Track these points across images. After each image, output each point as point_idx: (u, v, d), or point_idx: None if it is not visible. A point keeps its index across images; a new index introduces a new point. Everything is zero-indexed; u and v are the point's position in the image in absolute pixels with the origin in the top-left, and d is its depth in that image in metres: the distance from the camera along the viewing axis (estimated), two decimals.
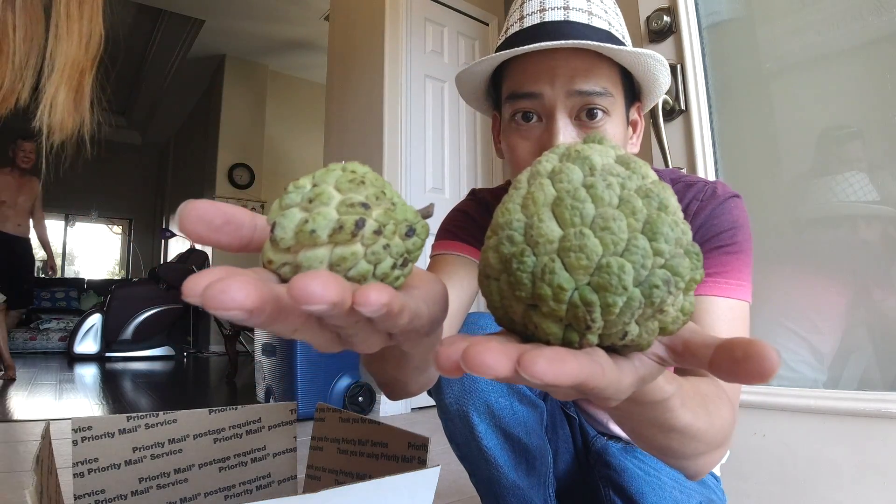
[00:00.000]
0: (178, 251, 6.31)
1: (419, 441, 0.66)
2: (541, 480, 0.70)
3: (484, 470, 0.69)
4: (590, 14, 0.57)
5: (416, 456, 0.66)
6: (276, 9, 4.86)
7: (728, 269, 0.58)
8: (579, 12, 0.57)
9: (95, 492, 0.73)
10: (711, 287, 0.57)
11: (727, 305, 0.57)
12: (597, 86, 0.56)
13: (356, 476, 0.75)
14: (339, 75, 3.10)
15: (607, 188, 0.22)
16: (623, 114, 0.60)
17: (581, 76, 0.56)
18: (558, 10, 0.57)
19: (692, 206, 0.63)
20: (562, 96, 0.57)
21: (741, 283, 0.59)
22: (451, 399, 0.67)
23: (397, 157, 2.65)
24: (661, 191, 0.23)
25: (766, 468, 1.01)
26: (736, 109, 1.16)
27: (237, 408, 0.86)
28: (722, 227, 0.61)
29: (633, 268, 0.21)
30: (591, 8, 0.58)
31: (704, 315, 0.57)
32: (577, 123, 0.58)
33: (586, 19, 0.56)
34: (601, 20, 0.57)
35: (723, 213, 0.61)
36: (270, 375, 2.50)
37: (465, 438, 0.69)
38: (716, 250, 0.59)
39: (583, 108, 0.57)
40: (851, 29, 1.00)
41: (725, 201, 0.62)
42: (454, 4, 3.01)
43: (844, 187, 1.02)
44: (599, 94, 0.56)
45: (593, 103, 0.57)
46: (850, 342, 1.02)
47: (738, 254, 0.59)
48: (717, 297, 0.57)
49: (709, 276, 0.58)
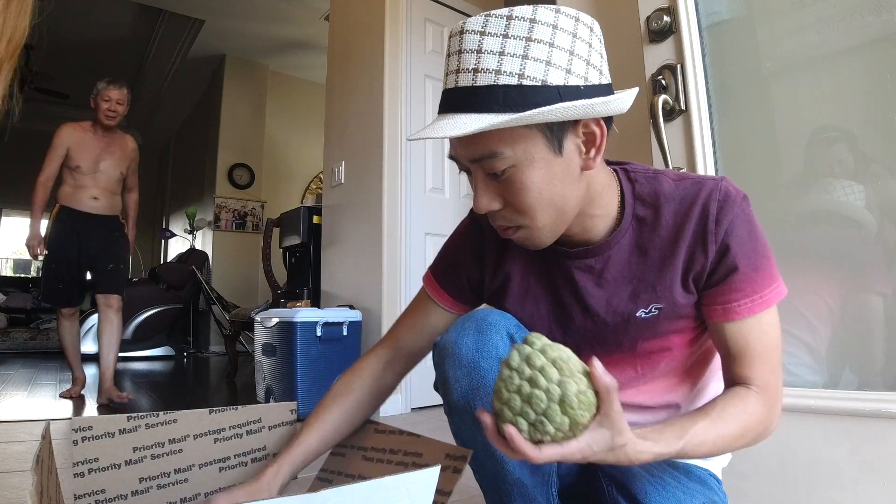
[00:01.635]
0: (178, 251, 6.32)
1: (459, 453, 0.66)
2: (545, 478, 0.71)
3: (489, 467, 0.70)
4: (475, 72, 0.56)
5: (453, 466, 0.64)
6: (276, 9, 4.86)
7: (760, 284, 0.63)
8: (486, 74, 0.56)
9: (95, 492, 0.73)
10: (745, 311, 0.63)
11: (760, 320, 0.64)
12: (484, 151, 0.58)
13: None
14: (339, 75, 3.10)
15: (511, 382, 0.51)
16: (542, 153, 0.59)
17: (469, 147, 0.59)
18: (467, 74, 0.57)
19: (711, 208, 0.63)
20: (468, 164, 0.61)
21: (774, 290, 0.65)
22: (459, 395, 0.68)
23: (397, 157, 2.65)
24: (541, 374, 0.50)
25: (766, 468, 1.01)
26: (736, 109, 1.16)
27: (237, 408, 0.86)
28: (749, 242, 0.64)
29: (525, 420, 0.51)
30: (480, 63, 0.56)
31: (737, 334, 0.64)
32: (493, 179, 0.61)
33: (492, 80, 0.56)
34: (486, 74, 0.56)
35: (743, 223, 0.64)
36: (270, 375, 2.50)
37: (471, 435, 0.69)
38: (750, 270, 0.63)
39: (486, 170, 0.60)
40: (851, 29, 1.00)
41: (740, 205, 0.64)
42: (454, 4, 3.01)
43: (837, 186, 1.02)
44: (490, 158, 0.58)
45: (489, 166, 0.59)
46: (849, 343, 1.02)
47: (766, 261, 0.64)
48: (752, 318, 0.64)
49: (746, 300, 0.63)
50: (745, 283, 0.63)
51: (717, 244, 0.63)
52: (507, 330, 0.68)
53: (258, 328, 2.66)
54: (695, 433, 0.57)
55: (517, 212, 0.61)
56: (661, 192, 0.66)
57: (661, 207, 0.66)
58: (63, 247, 2.67)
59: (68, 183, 2.71)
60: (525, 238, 0.64)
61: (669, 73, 1.17)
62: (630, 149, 1.30)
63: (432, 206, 2.77)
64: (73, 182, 2.70)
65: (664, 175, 0.68)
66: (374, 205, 2.63)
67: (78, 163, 2.67)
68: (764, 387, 0.64)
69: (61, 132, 2.68)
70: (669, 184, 0.67)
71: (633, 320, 0.67)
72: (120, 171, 2.81)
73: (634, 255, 0.67)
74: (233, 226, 5.73)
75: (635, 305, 0.67)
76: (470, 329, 0.68)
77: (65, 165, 2.68)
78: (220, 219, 5.66)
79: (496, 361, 0.66)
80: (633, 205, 0.68)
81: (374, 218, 2.63)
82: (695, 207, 0.64)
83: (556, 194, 0.61)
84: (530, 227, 0.62)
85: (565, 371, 0.50)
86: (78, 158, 2.68)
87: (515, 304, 0.75)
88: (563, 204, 0.62)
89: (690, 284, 0.65)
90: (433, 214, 2.77)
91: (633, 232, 0.68)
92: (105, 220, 2.78)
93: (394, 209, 2.61)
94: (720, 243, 0.63)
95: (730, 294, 0.63)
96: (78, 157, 2.68)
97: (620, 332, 0.69)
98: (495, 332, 0.67)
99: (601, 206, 0.67)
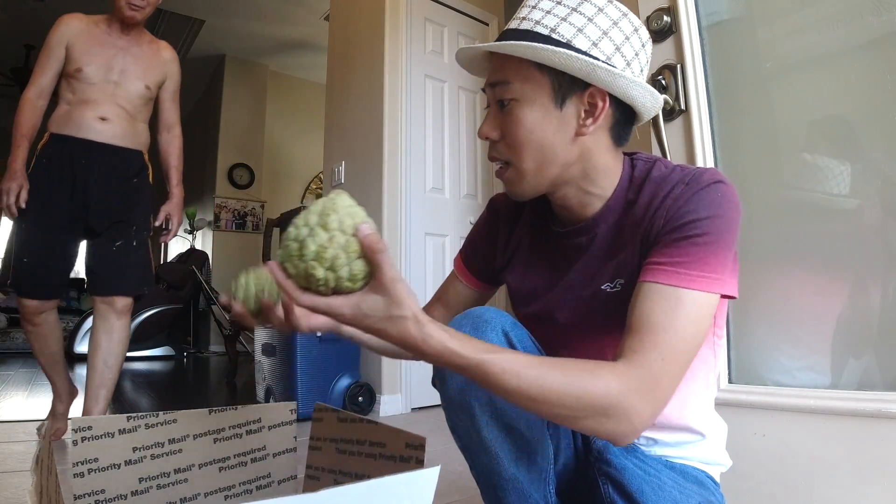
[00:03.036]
0: (178, 251, 6.31)
1: (416, 441, 0.67)
2: (541, 475, 0.70)
3: (484, 462, 0.70)
4: (536, 23, 0.66)
5: (414, 456, 0.66)
6: (276, 9, 4.86)
7: (690, 259, 0.59)
8: (528, 22, 0.67)
9: (95, 492, 0.73)
10: (661, 275, 0.59)
11: (674, 294, 0.58)
12: (499, 78, 0.67)
13: (354, 476, 0.75)
14: (339, 75, 3.10)
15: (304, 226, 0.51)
16: (544, 101, 0.66)
17: (492, 72, 0.69)
18: (517, 20, 0.68)
19: (676, 190, 0.63)
20: (488, 89, 0.70)
21: (703, 275, 0.58)
22: (455, 390, 0.68)
23: (397, 157, 2.65)
24: (318, 227, 0.50)
25: (766, 468, 1.01)
26: (736, 109, 1.16)
27: (237, 408, 0.86)
28: (695, 215, 0.61)
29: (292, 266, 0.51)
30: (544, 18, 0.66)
31: (644, 300, 0.59)
32: (501, 110, 0.68)
33: (530, 27, 0.66)
34: (543, 26, 0.65)
35: (699, 201, 0.61)
36: (270, 375, 2.50)
37: (467, 430, 0.69)
38: (684, 240, 0.60)
39: (496, 97, 0.68)
40: (851, 29, 1.00)
41: (707, 187, 0.62)
42: (454, 4, 3.01)
43: (830, 175, 1.02)
44: (502, 85, 0.67)
45: (499, 92, 0.67)
46: (848, 342, 1.01)
47: (709, 245, 0.59)
48: (664, 285, 0.58)
49: (667, 264, 0.59)
50: (680, 252, 0.59)
51: (673, 208, 0.62)
52: (503, 327, 0.68)
53: (258, 328, 2.66)
54: (506, 357, 0.52)
55: (508, 146, 0.68)
56: (650, 176, 0.69)
57: (643, 189, 0.68)
58: (44, 194, 1.68)
59: (65, 99, 1.77)
60: (510, 181, 0.70)
61: (669, 73, 1.17)
62: (630, 148, 1.29)
63: (432, 205, 2.77)
64: (72, 96, 1.75)
65: (661, 161, 0.71)
66: (374, 205, 2.63)
67: (80, 65, 1.73)
68: (636, 365, 0.55)
69: (60, 24, 1.77)
70: (660, 169, 0.69)
71: (600, 293, 0.69)
72: (145, 85, 1.84)
73: (615, 234, 0.70)
74: (233, 226, 5.72)
75: (606, 279, 0.69)
76: (466, 326, 0.68)
77: (63, 76, 1.77)
78: (220, 219, 5.65)
79: None
80: (626, 188, 0.71)
81: (374, 218, 2.60)
82: (666, 186, 0.65)
83: (545, 142, 0.66)
84: (517, 167, 0.68)
85: (341, 224, 0.49)
86: (80, 59, 1.74)
87: (517, 279, 0.81)
88: (550, 155, 0.67)
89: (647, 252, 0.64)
90: (433, 214, 2.77)
91: (622, 212, 0.70)
92: (119, 153, 1.78)
93: (394, 209, 2.61)
94: (675, 208, 0.62)
95: (660, 256, 0.60)
96: (81, 58, 1.74)
97: (594, 307, 0.71)
98: (490, 329, 0.67)
99: (599, 185, 0.71)
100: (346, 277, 0.50)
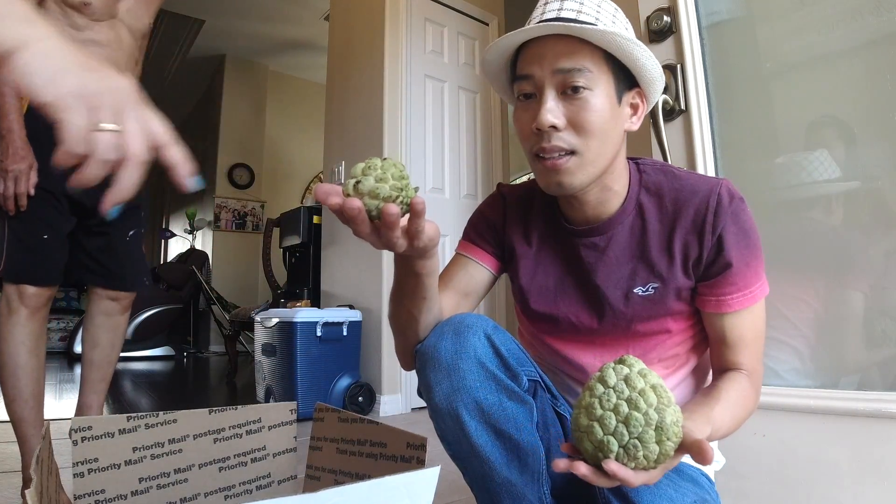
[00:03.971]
0: (178, 251, 6.32)
1: (417, 441, 0.66)
2: (534, 477, 0.70)
3: (476, 467, 0.70)
4: (578, 12, 0.68)
5: (415, 456, 0.66)
6: (276, 9, 4.86)
7: (754, 281, 0.70)
8: (569, 11, 0.69)
9: (95, 492, 0.73)
10: (741, 302, 0.70)
11: (751, 311, 0.71)
12: (576, 64, 0.66)
13: (355, 476, 0.75)
14: (339, 75, 3.10)
15: (608, 400, 0.51)
16: (610, 91, 0.68)
17: (562, 57, 0.67)
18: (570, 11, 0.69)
19: (710, 201, 0.69)
20: (548, 75, 0.67)
21: (762, 286, 0.71)
22: (441, 398, 0.68)
23: (397, 157, 2.65)
24: (641, 397, 0.49)
25: (766, 468, 1.01)
26: (736, 109, 1.16)
27: (237, 408, 0.86)
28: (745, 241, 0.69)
29: (616, 441, 0.50)
30: (582, 8, 0.69)
31: (737, 324, 0.71)
32: (563, 98, 0.67)
33: (574, 16, 0.68)
34: (588, 16, 0.68)
35: (742, 224, 0.69)
36: (270, 375, 2.50)
37: (456, 436, 0.69)
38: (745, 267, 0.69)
39: (566, 84, 0.67)
40: (851, 29, 1.00)
41: (740, 208, 0.70)
42: (454, 4, 3.01)
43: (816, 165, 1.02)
44: (578, 71, 0.66)
45: (573, 78, 0.66)
46: (847, 342, 1.02)
47: (758, 261, 0.71)
48: (746, 309, 0.70)
49: (744, 290, 0.70)
50: (738, 277, 0.69)
51: (713, 237, 0.69)
52: (485, 331, 0.68)
53: (258, 328, 2.66)
54: (716, 417, 0.61)
55: (577, 133, 0.67)
56: (666, 183, 0.74)
57: (664, 196, 0.73)
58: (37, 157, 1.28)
59: None
60: (570, 171, 0.69)
61: (669, 72, 1.17)
62: (630, 148, 1.29)
63: (432, 206, 2.77)
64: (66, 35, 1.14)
65: (671, 168, 0.75)
66: None
67: None
68: (752, 371, 0.72)
69: None
70: (674, 177, 0.74)
71: (632, 296, 0.73)
72: (147, 23, 1.52)
73: (636, 237, 0.74)
74: (233, 226, 5.73)
75: (633, 282, 0.73)
76: (448, 333, 0.68)
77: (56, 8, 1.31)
78: (219, 219, 5.66)
79: (475, 362, 0.67)
80: (638, 191, 0.75)
81: None
82: (694, 198, 0.70)
83: (609, 130, 0.68)
84: (582, 156, 0.68)
85: (664, 399, 0.49)
86: None
87: (527, 277, 0.81)
88: (609, 145, 0.69)
89: (690, 270, 0.71)
90: (433, 214, 2.73)
91: (635, 215, 0.74)
92: None
93: None
94: (716, 236, 0.69)
95: (724, 287, 0.70)
96: None
97: (619, 309, 0.74)
98: (472, 334, 0.67)
99: (619, 182, 0.74)
100: (670, 455, 0.50)
